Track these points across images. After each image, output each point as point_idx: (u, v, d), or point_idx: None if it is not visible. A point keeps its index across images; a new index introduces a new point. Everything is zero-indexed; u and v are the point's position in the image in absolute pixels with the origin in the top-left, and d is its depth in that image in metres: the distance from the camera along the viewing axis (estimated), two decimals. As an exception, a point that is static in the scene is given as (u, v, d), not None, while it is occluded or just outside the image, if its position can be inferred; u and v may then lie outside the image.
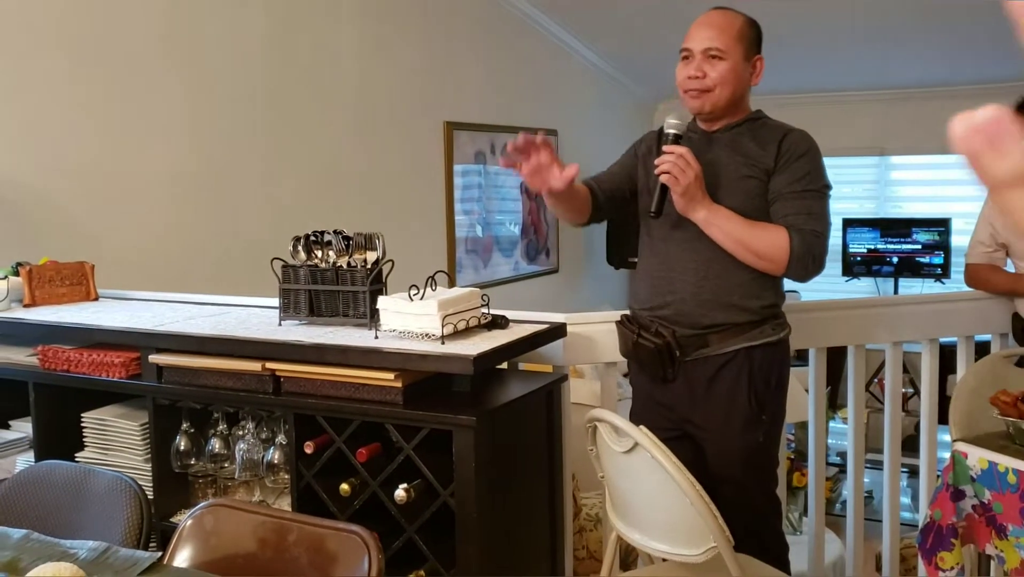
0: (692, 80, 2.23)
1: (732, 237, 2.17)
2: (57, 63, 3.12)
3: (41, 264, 2.63)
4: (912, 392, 5.21)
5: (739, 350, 2.23)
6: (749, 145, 2.25)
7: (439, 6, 5.01)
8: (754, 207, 2.21)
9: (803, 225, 2.17)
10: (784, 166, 2.21)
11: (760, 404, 2.25)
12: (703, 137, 2.28)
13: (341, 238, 2.27)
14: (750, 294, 2.23)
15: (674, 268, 2.27)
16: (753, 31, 2.28)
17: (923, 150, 6.49)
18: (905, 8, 5.18)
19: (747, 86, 2.29)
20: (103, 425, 2.35)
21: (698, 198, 2.14)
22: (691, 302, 2.23)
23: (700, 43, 2.23)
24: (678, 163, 2.10)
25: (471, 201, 5.40)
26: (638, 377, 2.42)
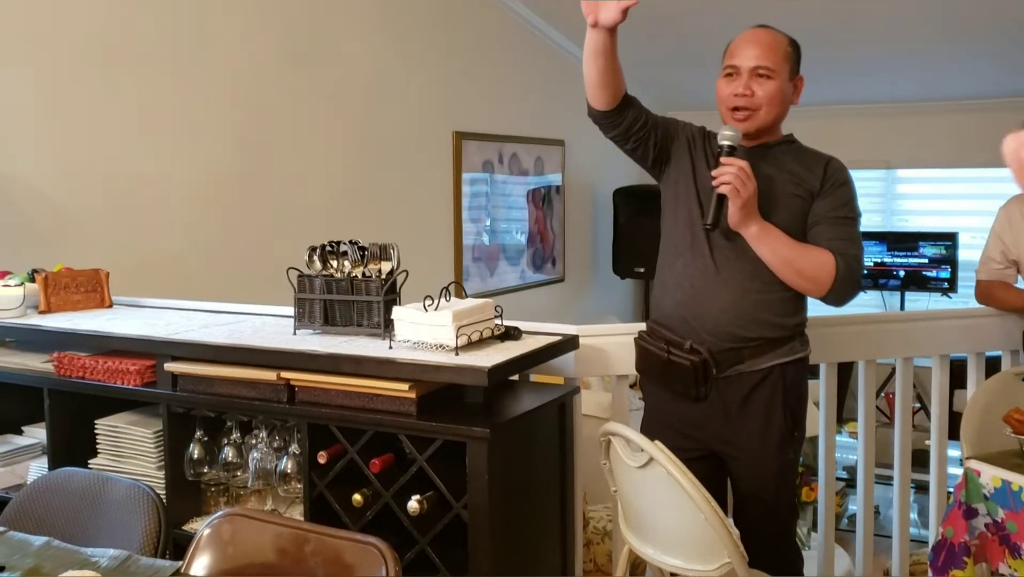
0: (739, 97, 2.21)
1: (780, 256, 2.17)
2: (74, 73, 3.13)
3: (56, 271, 2.64)
4: (918, 407, 5.21)
5: (773, 367, 2.23)
6: (794, 165, 2.25)
7: (449, 19, 5.03)
8: (798, 226, 2.22)
9: (847, 250, 2.18)
10: (829, 191, 2.22)
11: (794, 421, 2.25)
12: (748, 151, 2.25)
13: (356, 248, 2.28)
14: (786, 312, 2.24)
15: (717, 278, 2.23)
16: (796, 51, 2.29)
17: (930, 163, 6.50)
18: (913, 23, 5.19)
19: (789, 106, 2.28)
20: (117, 432, 2.36)
21: (753, 213, 2.14)
22: (731, 312, 2.21)
23: (748, 60, 2.22)
24: (740, 175, 2.09)
25: (478, 209, 5.41)
26: (657, 394, 2.38)
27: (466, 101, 5.22)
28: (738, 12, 5.07)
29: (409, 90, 4.73)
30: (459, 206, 5.20)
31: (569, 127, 6.23)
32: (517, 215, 5.85)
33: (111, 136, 3.26)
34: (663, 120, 2.36)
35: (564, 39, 5.99)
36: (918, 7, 4.99)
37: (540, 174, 6.03)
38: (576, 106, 6.64)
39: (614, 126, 2.31)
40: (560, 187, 6.27)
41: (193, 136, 3.56)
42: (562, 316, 5.95)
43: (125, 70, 3.29)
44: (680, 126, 2.38)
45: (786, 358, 2.24)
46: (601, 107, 2.27)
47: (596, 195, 6.76)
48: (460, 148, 5.16)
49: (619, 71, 2.21)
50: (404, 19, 4.68)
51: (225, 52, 3.68)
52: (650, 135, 2.32)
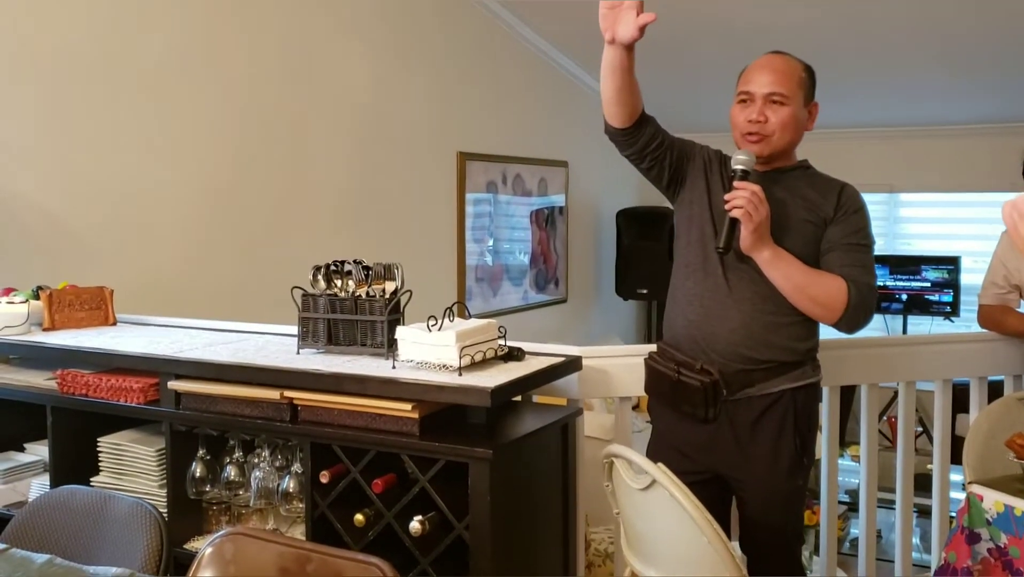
0: (752, 124, 2.21)
1: (792, 281, 2.16)
2: (78, 89, 3.16)
3: (61, 288, 2.65)
4: (920, 431, 5.20)
5: (784, 391, 2.22)
6: (808, 191, 2.25)
7: (454, 40, 5.07)
8: (810, 252, 2.21)
9: (859, 277, 2.18)
10: (842, 218, 2.22)
11: (803, 448, 2.25)
12: (762, 176, 2.25)
13: (361, 268, 2.28)
14: (797, 336, 2.23)
15: (729, 298, 2.23)
16: (811, 78, 2.29)
17: (932, 188, 6.52)
18: (915, 49, 5.22)
19: (803, 132, 2.28)
20: (119, 450, 2.36)
21: (766, 238, 2.14)
22: (741, 333, 2.20)
23: (762, 87, 2.22)
24: (752, 199, 2.09)
25: (482, 230, 5.43)
26: (665, 416, 2.37)
27: (470, 122, 5.25)
28: (745, 38, 5.13)
29: (414, 111, 4.76)
30: (463, 226, 5.22)
31: (573, 148, 6.26)
32: (520, 235, 5.86)
33: (116, 154, 3.28)
34: (680, 141, 2.36)
35: (568, 61, 6.03)
36: (920, 35, 5.02)
37: (544, 195, 6.05)
38: (580, 127, 6.73)
39: (630, 144, 2.31)
40: (563, 208, 6.28)
41: (198, 155, 3.58)
42: (565, 337, 5.95)
43: (129, 88, 3.31)
44: (697, 148, 2.38)
45: (797, 383, 2.23)
46: (617, 124, 2.28)
47: (599, 216, 6.77)
48: (464, 168, 5.18)
49: (636, 88, 2.22)
50: (409, 40, 4.71)
51: (229, 71, 3.71)
52: (666, 155, 2.32)
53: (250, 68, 3.80)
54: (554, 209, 6.19)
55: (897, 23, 4.90)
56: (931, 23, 4.87)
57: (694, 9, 4.91)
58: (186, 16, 3.52)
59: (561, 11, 5.30)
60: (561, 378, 2.30)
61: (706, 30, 5.18)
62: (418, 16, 4.78)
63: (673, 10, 4.68)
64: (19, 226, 2.99)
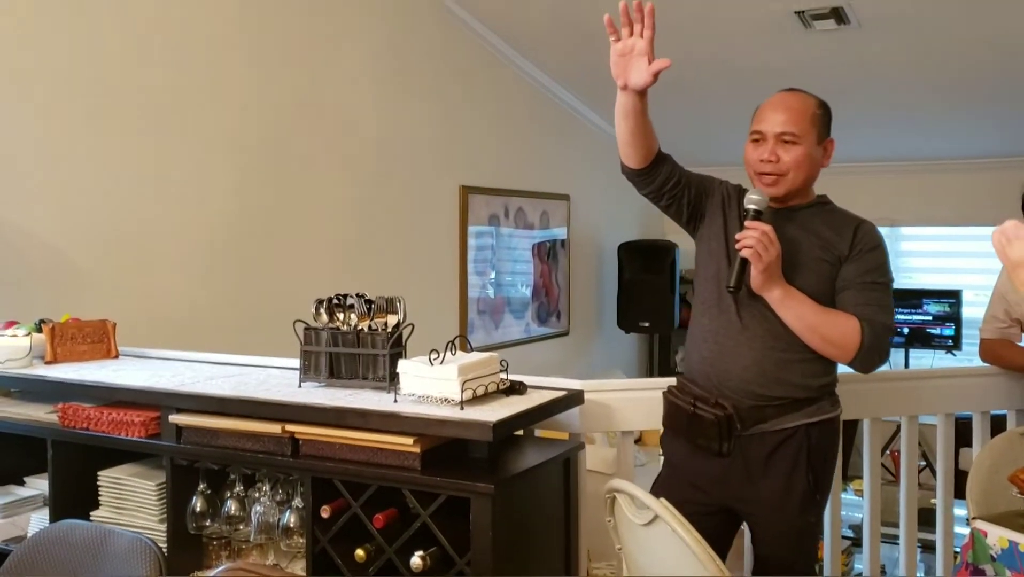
0: (765, 163, 2.21)
1: (804, 321, 2.16)
2: (81, 124, 3.18)
3: (63, 321, 2.66)
4: (924, 465, 5.17)
5: (798, 427, 2.21)
6: (823, 228, 2.25)
7: (457, 75, 5.11)
8: (824, 290, 2.21)
9: (874, 317, 2.17)
10: (857, 256, 2.21)
11: (816, 484, 2.23)
12: (776, 214, 2.25)
13: (363, 301, 2.29)
14: (812, 373, 2.23)
15: (741, 336, 2.23)
16: (825, 115, 2.27)
17: (933, 221, 6.54)
18: (917, 84, 5.27)
19: (818, 169, 2.27)
20: (119, 484, 2.35)
21: (775, 277, 2.14)
22: (753, 370, 2.20)
23: (774, 126, 2.21)
24: (762, 239, 2.09)
25: (484, 263, 5.45)
26: (679, 449, 2.36)
27: (473, 155, 5.28)
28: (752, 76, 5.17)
29: (417, 145, 4.79)
30: (465, 259, 5.24)
31: (574, 182, 6.29)
32: (522, 268, 5.88)
33: (119, 187, 3.30)
34: (697, 177, 2.37)
35: (570, 96, 6.08)
36: (921, 71, 5.07)
37: (545, 228, 6.07)
38: (581, 161, 6.78)
39: (646, 184, 2.32)
40: (565, 241, 6.30)
41: (201, 187, 3.60)
42: (567, 370, 5.94)
43: (133, 122, 3.34)
44: (716, 184, 2.39)
45: (812, 418, 2.23)
46: (633, 165, 2.29)
47: (601, 249, 6.79)
48: (466, 202, 5.21)
49: (650, 130, 2.23)
50: (412, 75, 4.75)
51: (232, 106, 3.74)
52: (683, 193, 2.32)
53: (253, 103, 3.83)
54: (556, 242, 6.21)
55: (898, 60, 4.95)
56: (932, 59, 4.92)
57: (701, 49, 4.95)
58: (189, 51, 3.55)
59: (563, 47, 5.36)
60: (563, 412, 2.29)
61: (713, 69, 5.22)
62: (422, 51, 4.82)
63: (681, 50, 4.73)
64: (23, 259, 3.00)
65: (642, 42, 2.07)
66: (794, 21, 4.58)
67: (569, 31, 5.09)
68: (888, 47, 4.79)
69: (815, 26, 4.59)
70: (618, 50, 2.10)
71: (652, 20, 2.07)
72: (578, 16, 4.81)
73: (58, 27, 3.09)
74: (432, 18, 4.88)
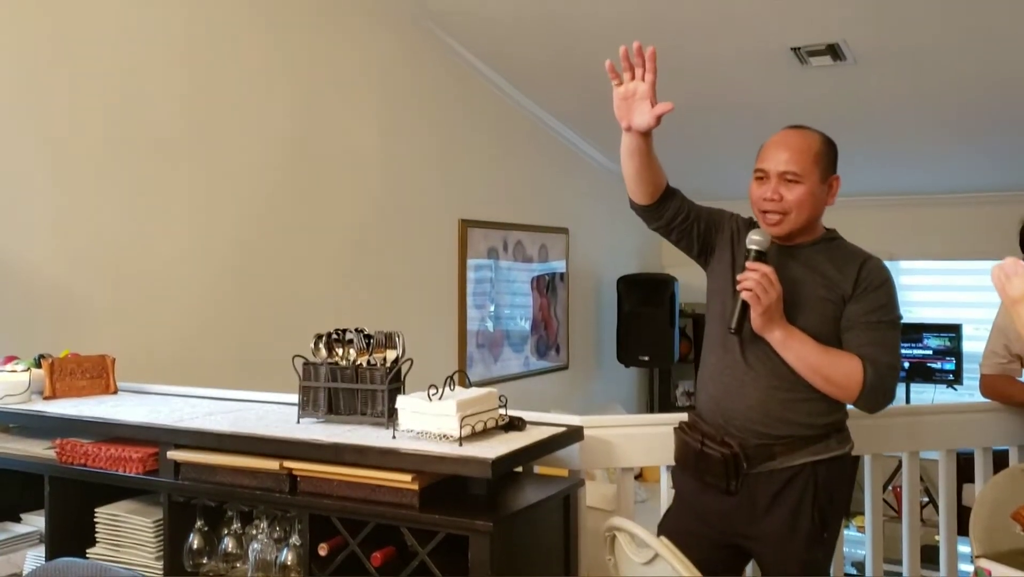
0: (768, 202, 2.21)
1: (806, 362, 2.16)
2: (85, 160, 3.20)
3: (62, 356, 2.65)
4: (927, 501, 5.13)
5: (805, 465, 2.21)
6: (827, 266, 2.24)
7: (456, 110, 5.15)
8: (828, 330, 2.20)
9: (878, 357, 2.17)
10: (862, 295, 2.21)
11: (823, 522, 2.22)
12: (780, 251, 2.26)
13: (362, 336, 2.29)
14: (817, 412, 2.23)
15: (745, 376, 2.24)
16: (830, 151, 2.27)
17: (933, 255, 6.55)
18: (915, 118, 5.30)
19: (823, 207, 2.27)
20: (116, 521, 2.33)
21: (776, 319, 2.14)
22: (758, 411, 2.21)
23: (776, 165, 2.21)
24: (762, 282, 2.10)
25: (483, 296, 5.45)
26: (688, 485, 2.36)
27: (472, 190, 5.31)
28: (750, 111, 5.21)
29: (417, 179, 4.81)
30: (464, 292, 5.24)
31: (573, 215, 6.31)
32: (521, 301, 5.88)
33: (121, 223, 3.31)
34: (707, 211, 2.38)
35: (568, 130, 6.12)
36: (919, 106, 5.10)
37: (544, 261, 6.08)
38: (580, 195, 6.79)
39: (655, 219, 2.34)
40: (564, 274, 6.31)
41: (201, 223, 3.61)
42: (566, 404, 5.92)
43: (135, 158, 3.36)
44: (726, 218, 2.40)
45: (820, 456, 2.22)
46: (641, 201, 2.31)
47: (600, 283, 6.80)
48: (466, 235, 5.22)
49: (656, 168, 2.24)
50: (412, 111, 4.78)
51: (234, 142, 3.76)
52: (693, 227, 2.34)
53: (256, 139, 3.85)
54: (555, 275, 6.21)
55: (895, 94, 4.98)
56: (928, 94, 4.95)
57: (700, 85, 4.99)
58: (195, 88, 3.58)
59: (561, 83, 5.40)
60: (563, 448, 2.28)
61: (711, 105, 5.26)
62: (423, 87, 4.86)
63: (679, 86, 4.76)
64: (24, 294, 3.00)
65: (644, 85, 2.10)
66: (791, 58, 4.62)
67: (568, 67, 5.14)
68: (884, 82, 4.83)
69: (811, 62, 4.63)
70: (620, 94, 2.13)
71: (654, 64, 2.09)
72: (576, 53, 4.85)
73: (64, 62, 3.12)
74: (433, 55, 4.92)
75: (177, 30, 3.51)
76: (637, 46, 2.09)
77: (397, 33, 4.65)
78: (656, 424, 2.63)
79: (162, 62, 3.45)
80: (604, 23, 4.49)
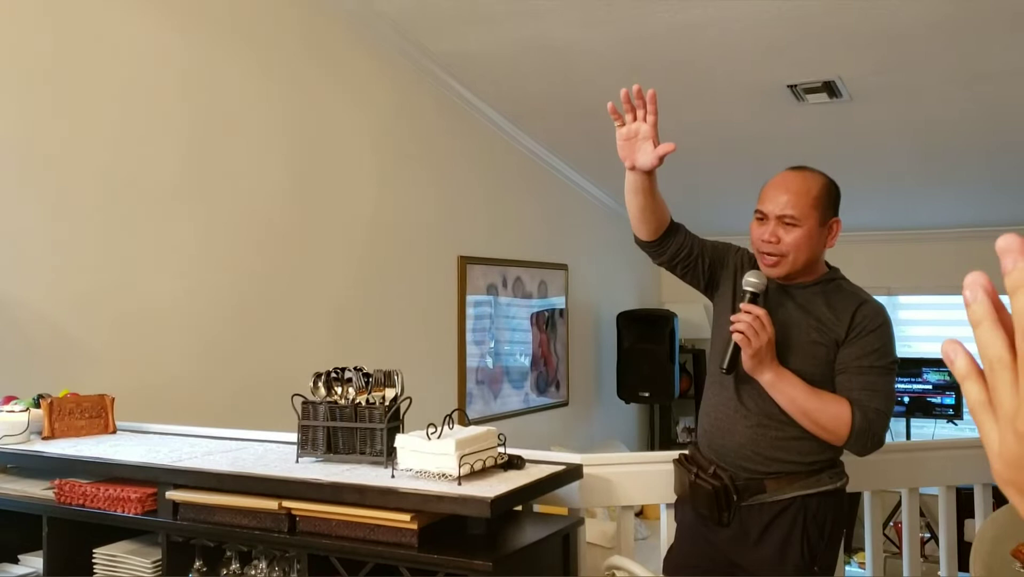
0: (766, 244, 2.23)
1: (795, 405, 2.17)
2: (85, 202, 3.22)
3: (61, 396, 2.66)
4: (929, 536, 5.11)
5: (795, 498, 2.22)
6: (822, 309, 2.25)
7: (454, 147, 5.19)
8: (820, 373, 2.22)
9: (867, 402, 2.17)
10: (855, 339, 2.21)
11: (812, 555, 2.23)
12: (778, 290, 2.28)
13: (361, 375, 2.29)
14: (807, 451, 2.24)
15: (737, 413, 2.27)
16: (831, 194, 2.28)
17: (930, 290, 6.57)
18: (909, 153, 5.34)
19: (823, 249, 2.28)
20: (114, 562, 2.33)
21: (766, 362, 2.15)
22: (748, 448, 2.24)
23: (775, 208, 2.22)
24: (754, 324, 2.12)
25: (482, 332, 5.45)
26: (687, 513, 2.40)
27: (471, 226, 5.33)
28: (744, 146, 5.25)
29: (416, 217, 4.84)
30: (463, 329, 5.25)
31: (572, 251, 6.33)
32: (521, 337, 5.88)
33: (121, 264, 3.32)
34: (712, 245, 2.40)
35: (566, 167, 6.16)
36: (913, 140, 5.15)
37: (544, 297, 6.09)
38: (579, 231, 6.82)
39: (659, 255, 2.37)
40: (564, 310, 6.32)
41: (201, 263, 3.62)
42: (567, 440, 5.91)
43: (134, 200, 3.38)
44: (731, 253, 2.42)
45: (811, 489, 2.23)
46: (645, 237, 2.34)
47: (599, 318, 6.81)
48: (465, 272, 5.24)
49: (660, 204, 2.28)
50: (411, 147, 4.82)
51: (233, 183, 3.78)
52: (697, 262, 2.36)
53: (254, 178, 3.88)
54: (554, 311, 6.22)
55: (891, 130, 5.03)
56: (925, 129, 5.00)
57: (697, 122, 5.04)
58: (193, 130, 3.61)
59: (560, 120, 5.45)
60: (562, 487, 2.28)
61: (709, 141, 5.31)
62: (421, 124, 4.90)
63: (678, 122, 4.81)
64: (24, 335, 3.01)
65: (646, 127, 2.14)
66: (787, 95, 4.66)
67: (566, 105, 5.19)
68: (880, 118, 4.87)
69: (808, 99, 4.67)
70: (623, 134, 2.17)
71: (655, 106, 2.14)
72: (575, 90, 4.91)
73: (64, 105, 3.15)
74: (432, 93, 4.97)
75: (175, 75, 3.55)
76: (637, 89, 2.14)
77: (396, 72, 4.70)
78: (655, 461, 2.63)
79: (161, 106, 3.49)
80: (602, 61, 4.54)
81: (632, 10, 4.02)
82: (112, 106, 3.31)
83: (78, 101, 3.20)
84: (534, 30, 4.31)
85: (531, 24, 4.25)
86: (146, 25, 3.43)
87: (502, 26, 4.30)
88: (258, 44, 3.92)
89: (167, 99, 3.51)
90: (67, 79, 3.17)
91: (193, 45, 3.62)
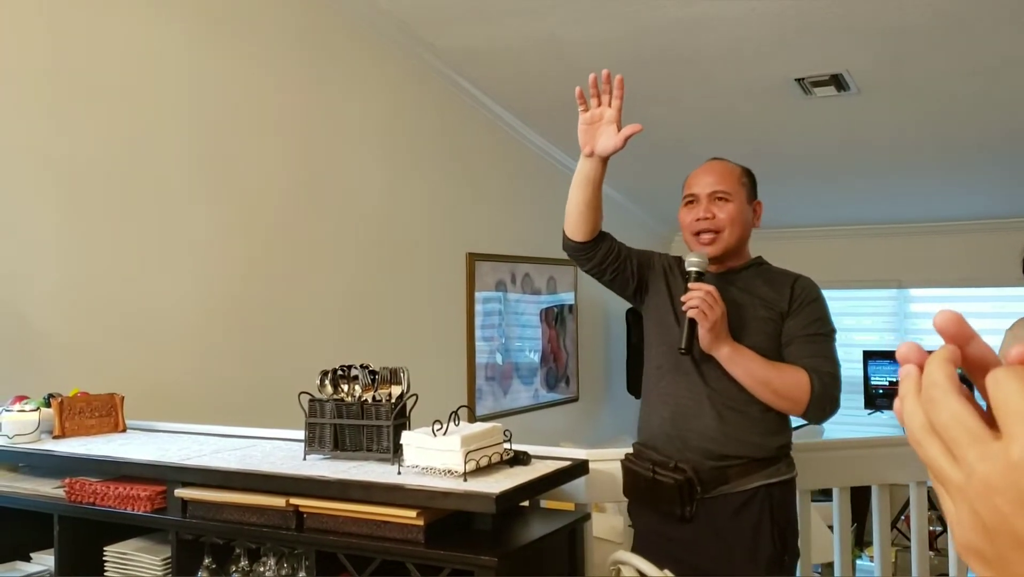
0: (701, 221, 2.31)
1: (754, 376, 2.20)
2: (94, 201, 3.24)
3: (72, 395, 2.68)
4: (941, 529, 5.10)
5: (759, 488, 2.24)
6: (762, 288, 2.32)
7: (462, 144, 5.19)
8: (771, 347, 2.27)
9: (820, 367, 2.22)
10: (798, 309, 2.28)
11: (783, 544, 2.24)
12: (716, 278, 2.34)
13: (367, 372, 2.31)
14: (768, 431, 2.27)
15: (701, 395, 2.28)
16: (750, 179, 2.41)
17: (940, 283, 6.55)
18: (918, 146, 5.32)
19: (750, 229, 2.38)
20: (125, 559, 2.35)
21: (722, 335, 2.19)
22: (715, 429, 2.25)
23: (705, 187, 2.33)
24: (706, 299, 2.15)
25: (491, 328, 5.46)
26: (645, 517, 2.39)
27: (479, 223, 5.34)
28: (749, 139, 5.24)
29: (423, 214, 4.85)
30: (472, 325, 5.26)
31: (581, 248, 6.32)
32: (530, 334, 5.89)
33: (130, 263, 3.35)
34: (638, 252, 2.48)
35: (573, 162, 6.14)
36: (922, 133, 5.13)
37: (553, 293, 6.09)
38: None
39: (589, 258, 2.43)
40: (573, 306, 6.32)
41: (208, 261, 3.64)
42: (576, 436, 5.91)
43: (142, 198, 3.40)
44: (656, 256, 2.50)
45: (772, 479, 2.26)
46: (578, 238, 2.40)
47: (609, 314, 6.81)
48: (473, 269, 5.25)
49: (600, 204, 2.36)
50: (418, 146, 4.83)
51: (240, 180, 3.80)
52: (625, 265, 2.42)
53: (262, 176, 3.90)
54: (564, 307, 6.22)
55: (899, 123, 5.01)
56: (933, 122, 4.98)
57: (705, 116, 5.03)
58: (197, 129, 3.63)
59: (567, 116, 5.43)
60: (568, 482, 2.29)
61: (716, 135, 5.30)
62: (428, 121, 4.91)
63: (684, 117, 4.81)
64: (34, 334, 3.04)
65: (611, 111, 2.21)
66: (794, 88, 4.65)
67: (573, 100, 5.17)
68: (888, 111, 4.86)
69: (815, 93, 4.66)
70: (586, 119, 2.23)
71: (621, 91, 2.21)
72: (583, 86, 4.90)
73: (70, 105, 3.17)
74: (439, 90, 4.98)
75: (181, 73, 3.57)
76: (606, 73, 2.18)
77: (403, 69, 4.71)
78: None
79: (166, 105, 3.51)
80: (609, 56, 4.54)
81: (639, 5, 4.02)
82: (118, 107, 3.33)
83: (83, 102, 3.22)
84: (540, 26, 4.32)
85: (537, 20, 4.26)
86: (152, 25, 3.44)
87: (508, 22, 4.31)
88: (263, 43, 3.93)
89: (175, 99, 3.53)
90: (70, 80, 3.19)
91: (197, 44, 3.64)
